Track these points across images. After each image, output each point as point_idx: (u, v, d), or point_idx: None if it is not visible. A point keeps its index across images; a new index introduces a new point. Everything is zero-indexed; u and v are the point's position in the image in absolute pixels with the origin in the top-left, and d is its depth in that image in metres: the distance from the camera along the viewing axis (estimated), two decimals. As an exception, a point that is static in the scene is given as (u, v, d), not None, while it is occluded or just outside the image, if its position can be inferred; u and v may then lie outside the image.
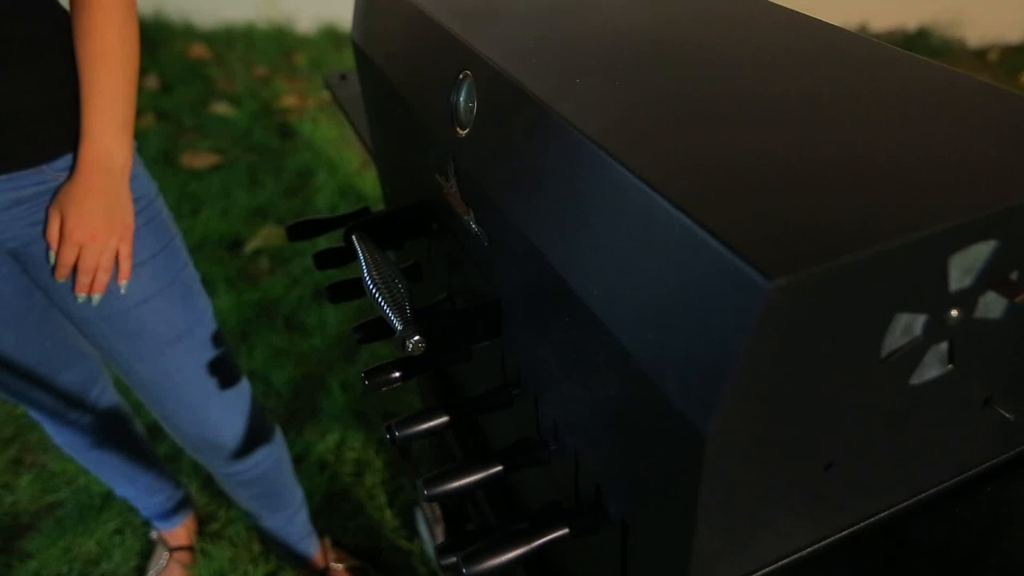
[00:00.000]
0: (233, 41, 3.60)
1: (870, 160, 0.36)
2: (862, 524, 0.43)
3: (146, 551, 1.45)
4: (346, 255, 0.67)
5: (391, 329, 0.60)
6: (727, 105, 0.42)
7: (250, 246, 2.23)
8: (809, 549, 0.42)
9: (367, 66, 0.78)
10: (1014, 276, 0.35)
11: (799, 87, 0.44)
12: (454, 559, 0.52)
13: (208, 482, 1.54)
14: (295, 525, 1.29)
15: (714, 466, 0.33)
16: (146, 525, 1.48)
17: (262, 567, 1.39)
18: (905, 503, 0.44)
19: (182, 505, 1.41)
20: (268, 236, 2.26)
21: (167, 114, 2.96)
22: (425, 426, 0.58)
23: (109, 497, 1.53)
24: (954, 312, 0.35)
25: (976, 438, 0.44)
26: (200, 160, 2.66)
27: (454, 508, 1.10)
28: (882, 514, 0.44)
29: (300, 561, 1.35)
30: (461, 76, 0.54)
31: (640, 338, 0.35)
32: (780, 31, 0.53)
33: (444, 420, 0.58)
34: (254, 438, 1.09)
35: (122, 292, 0.86)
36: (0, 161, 0.75)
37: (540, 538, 0.51)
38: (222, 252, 2.21)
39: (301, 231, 0.73)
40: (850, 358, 0.33)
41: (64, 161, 0.79)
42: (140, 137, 0.88)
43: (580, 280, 0.40)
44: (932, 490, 0.45)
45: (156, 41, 3.49)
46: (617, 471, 0.44)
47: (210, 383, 0.99)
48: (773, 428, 0.34)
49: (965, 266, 0.33)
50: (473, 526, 0.98)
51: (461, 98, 0.55)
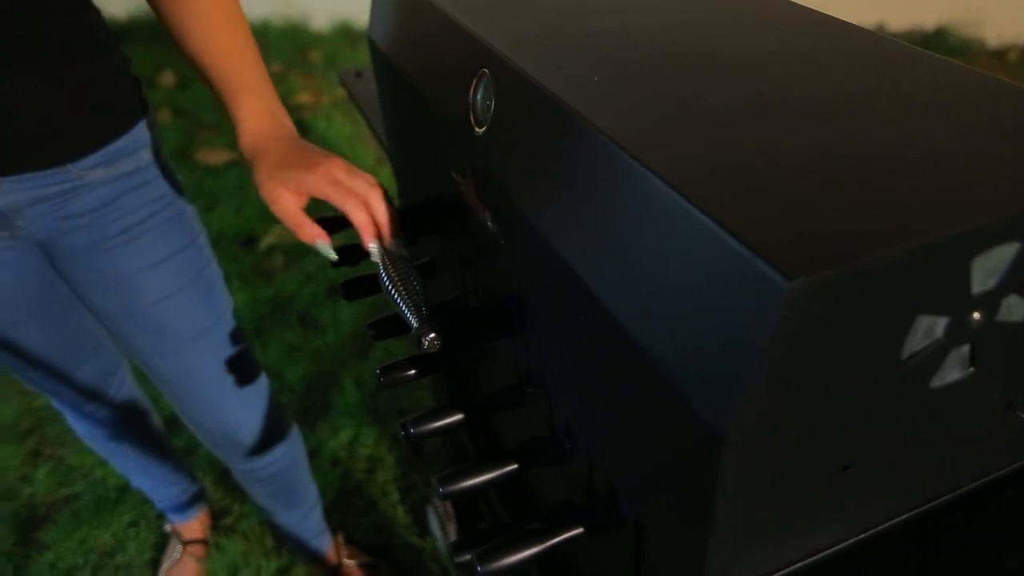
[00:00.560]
0: (249, 38, 3.62)
1: (891, 160, 0.36)
2: (879, 528, 0.43)
3: (160, 544, 1.47)
4: (360, 252, 0.67)
5: (405, 326, 0.60)
6: (746, 105, 0.42)
7: (264, 242, 2.25)
8: (826, 551, 0.42)
9: (383, 64, 0.78)
10: (1038, 279, 0.35)
11: (819, 87, 0.44)
12: (468, 557, 0.52)
13: (223, 476, 1.55)
14: (309, 522, 1.30)
15: (731, 466, 0.33)
16: (161, 518, 1.49)
17: (275, 562, 1.40)
18: (924, 506, 0.44)
19: (197, 498, 1.42)
20: (282, 233, 2.27)
21: (184, 111, 2.97)
22: (440, 423, 0.58)
23: (125, 490, 1.55)
24: (976, 315, 0.34)
25: (997, 442, 0.43)
26: (216, 156, 2.67)
27: (466, 506, 1.10)
28: (900, 518, 0.43)
29: (313, 557, 1.36)
30: (479, 74, 0.54)
31: (658, 338, 0.35)
32: (798, 30, 0.52)
33: (459, 418, 0.58)
34: (272, 435, 1.10)
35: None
36: (24, 160, 0.76)
37: (555, 537, 0.51)
38: (236, 248, 2.22)
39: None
40: (870, 360, 0.33)
41: (89, 160, 0.79)
42: (157, 133, 0.89)
43: (597, 279, 0.40)
44: (951, 494, 0.44)
45: (173, 38, 3.51)
46: (632, 471, 0.44)
47: (229, 380, 1.00)
48: (791, 428, 0.33)
49: (988, 268, 0.33)
50: (486, 524, 0.98)
51: (479, 96, 0.55)
